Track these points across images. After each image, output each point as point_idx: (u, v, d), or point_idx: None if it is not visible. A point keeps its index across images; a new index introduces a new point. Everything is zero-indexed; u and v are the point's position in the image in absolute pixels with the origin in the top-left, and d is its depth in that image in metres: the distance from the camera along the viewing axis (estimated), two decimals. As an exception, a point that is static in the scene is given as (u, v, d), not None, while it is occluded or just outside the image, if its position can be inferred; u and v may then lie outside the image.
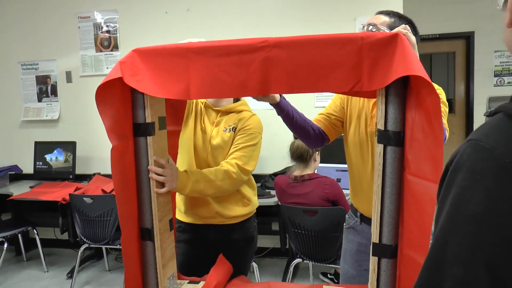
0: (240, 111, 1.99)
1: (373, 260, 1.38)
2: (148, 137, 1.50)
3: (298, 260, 3.07)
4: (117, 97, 1.44)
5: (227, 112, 1.98)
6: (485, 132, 0.64)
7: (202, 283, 1.69)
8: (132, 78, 1.40)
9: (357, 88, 1.23)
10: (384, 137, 1.27)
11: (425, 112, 1.13)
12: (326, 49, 1.27)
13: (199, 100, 2.00)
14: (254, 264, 3.14)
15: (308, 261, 3.03)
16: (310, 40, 1.29)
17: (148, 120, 1.49)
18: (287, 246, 3.39)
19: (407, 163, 1.24)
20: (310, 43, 1.29)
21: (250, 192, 2.08)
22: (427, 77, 1.10)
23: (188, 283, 1.71)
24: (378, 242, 1.35)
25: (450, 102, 5.87)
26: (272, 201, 3.28)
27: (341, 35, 1.27)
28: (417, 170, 1.19)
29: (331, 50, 1.26)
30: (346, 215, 1.98)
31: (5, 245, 3.75)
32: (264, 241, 3.97)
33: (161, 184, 1.57)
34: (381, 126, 1.27)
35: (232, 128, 1.95)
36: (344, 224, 1.98)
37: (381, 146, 1.28)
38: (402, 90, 1.25)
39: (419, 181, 1.17)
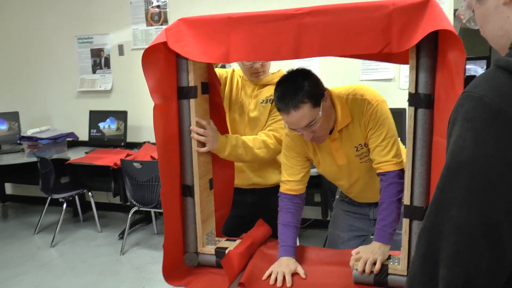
0: None
1: (405, 222, 1.41)
2: (191, 99, 1.60)
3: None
4: (161, 61, 1.55)
5: (265, 85, 2.01)
6: (476, 83, 0.69)
7: (239, 241, 1.79)
8: (176, 44, 1.50)
9: (386, 50, 1.25)
10: (414, 99, 1.29)
11: (448, 70, 1.14)
12: (357, 14, 1.30)
13: (236, 74, 2.06)
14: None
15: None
16: (341, 7, 1.33)
17: (191, 84, 1.59)
18: (329, 218, 3.41)
19: (435, 125, 1.26)
20: (342, 10, 1.33)
21: None
22: (455, 31, 1.10)
23: (226, 240, 1.82)
24: (409, 204, 1.38)
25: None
26: (314, 171, 3.29)
27: (372, 2, 1.30)
28: (442, 131, 1.20)
29: (362, 15, 1.30)
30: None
31: (64, 205, 4.05)
32: (306, 213, 4.02)
33: (202, 144, 1.67)
34: (411, 90, 1.29)
35: (270, 100, 1.97)
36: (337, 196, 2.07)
37: (412, 108, 1.30)
38: (433, 52, 1.25)
39: (444, 141, 1.18)
